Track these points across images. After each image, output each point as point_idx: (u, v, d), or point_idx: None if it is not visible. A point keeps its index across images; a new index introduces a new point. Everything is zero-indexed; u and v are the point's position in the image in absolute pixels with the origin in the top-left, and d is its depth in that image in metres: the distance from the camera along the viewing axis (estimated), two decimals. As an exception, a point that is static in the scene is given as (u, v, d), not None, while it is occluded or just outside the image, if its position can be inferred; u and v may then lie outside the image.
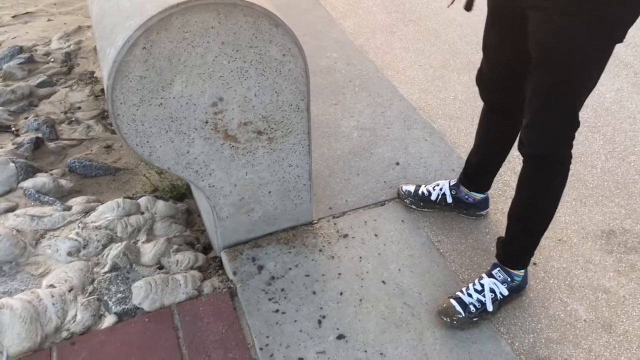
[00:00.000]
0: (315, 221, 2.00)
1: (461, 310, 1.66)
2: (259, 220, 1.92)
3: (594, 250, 1.92)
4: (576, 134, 1.48)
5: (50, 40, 3.72)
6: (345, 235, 1.94)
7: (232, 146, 1.70)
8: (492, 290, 1.69)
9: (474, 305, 1.67)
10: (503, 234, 1.76)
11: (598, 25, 1.26)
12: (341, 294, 1.75)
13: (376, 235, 1.94)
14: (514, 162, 2.26)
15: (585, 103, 2.59)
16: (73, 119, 2.94)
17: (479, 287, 1.70)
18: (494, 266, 1.74)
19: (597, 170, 2.25)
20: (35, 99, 3.10)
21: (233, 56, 1.53)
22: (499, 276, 1.71)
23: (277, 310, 1.69)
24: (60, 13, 4.14)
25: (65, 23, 3.93)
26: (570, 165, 1.55)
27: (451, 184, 2.01)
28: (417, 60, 2.94)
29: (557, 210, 2.04)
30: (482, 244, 1.92)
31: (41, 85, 3.20)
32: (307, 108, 1.72)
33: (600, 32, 1.27)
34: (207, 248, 2.10)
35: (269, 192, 1.85)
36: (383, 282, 1.78)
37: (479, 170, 1.95)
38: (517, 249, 1.71)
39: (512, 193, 2.15)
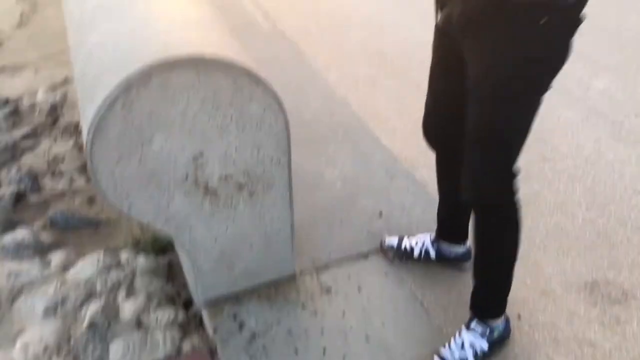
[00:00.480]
0: (298, 274, 1.98)
1: None
2: (240, 275, 1.89)
3: (578, 302, 1.91)
4: (558, 182, 1.49)
5: (36, 91, 3.74)
6: (329, 290, 1.91)
7: (213, 201, 1.69)
8: (471, 345, 1.66)
9: None
10: (486, 287, 1.74)
11: (525, 65, 1.29)
12: (324, 351, 1.71)
13: (359, 289, 1.92)
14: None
15: (564, 152, 2.63)
16: (56, 171, 2.92)
17: (459, 342, 1.68)
18: (471, 318, 1.72)
19: (579, 220, 2.26)
20: (18, 151, 3.09)
21: (213, 113, 1.54)
22: (478, 329, 1.69)
23: (258, 369, 1.65)
24: (47, 66, 4.17)
25: (51, 76, 3.96)
26: (522, 214, 1.54)
27: (432, 239, 2.00)
28: (399, 111, 2.99)
29: (540, 260, 2.05)
30: (465, 297, 1.89)
31: (25, 137, 3.20)
32: (288, 162, 1.73)
33: (527, 71, 1.30)
34: (188, 303, 2.06)
35: (251, 246, 1.84)
36: (367, 338, 1.75)
37: (451, 222, 1.95)
38: (485, 299, 1.70)
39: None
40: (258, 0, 4.47)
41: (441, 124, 1.71)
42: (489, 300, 1.71)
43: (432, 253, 1.99)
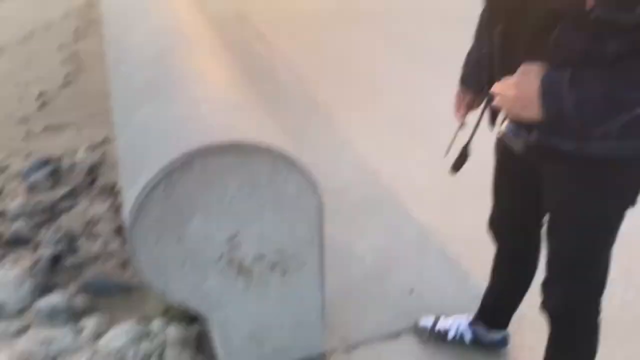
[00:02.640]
0: (328, 353, 1.95)
1: None
2: (270, 353, 1.88)
3: (618, 393, 1.84)
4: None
5: (77, 151, 3.87)
6: (358, 371, 1.89)
7: (246, 280, 1.71)
8: None
9: None
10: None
11: (611, 190, 1.29)
12: None
13: (390, 371, 1.89)
14: (530, 292, 2.21)
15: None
16: (92, 233, 2.99)
17: None
18: None
19: (615, 305, 2.20)
20: (56, 212, 3.18)
21: (250, 196, 1.58)
22: None
23: None
24: (89, 125, 4.31)
25: (93, 135, 4.09)
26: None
27: (469, 321, 1.97)
28: (430, 182, 3.00)
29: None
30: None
31: (64, 197, 3.30)
32: (320, 242, 1.74)
33: (614, 196, 1.30)
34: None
35: (281, 325, 1.84)
36: None
37: (497, 309, 1.92)
38: None
39: (530, 324, 2.10)
40: (292, 66, 4.59)
41: (507, 228, 1.69)
42: None
43: (467, 337, 1.94)
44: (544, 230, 1.54)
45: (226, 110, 1.75)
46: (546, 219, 1.46)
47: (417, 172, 3.10)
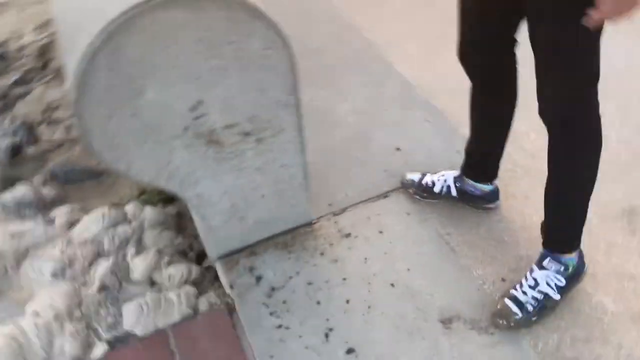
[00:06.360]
0: (314, 221, 1.86)
1: (518, 311, 1.53)
2: (254, 226, 1.78)
3: (615, 232, 1.79)
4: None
5: (23, 33, 3.51)
6: (348, 235, 1.80)
7: (217, 151, 1.55)
8: (548, 284, 1.55)
9: (531, 304, 1.54)
10: (517, 221, 1.62)
11: None
12: (347, 301, 1.62)
13: (381, 232, 1.80)
14: (522, 140, 2.10)
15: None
16: (52, 120, 2.77)
17: (532, 283, 1.56)
18: (543, 256, 1.59)
19: (612, 141, 2.10)
20: (10, 100, 2.93)
21: (209, 54, 1.37)
22: (551, 267, 1.56)
23: (280, 326, 1.57)
24: (32, 3, 3.90)
25: (38, 14, 3.71)
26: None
27: (455, 176, 1.86)
28: (411, 32, 2.76)
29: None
30: (494, 234, 1.78)
31: (16, 84, 3.02)
32: (296, 104, 1.56)
33: None
34: (200, 256, 1.96)
35: (262, 195, 1.71)
36: (392, 284, 1.65)
37: (481, 159, 1.81)
38: (561, 231, 1.58)
39: (523, 173, 2.01)
40: None
41: (480, 53, 1.54)
42: (566, 232, 1.59)
43: (454, 191, 1.85)
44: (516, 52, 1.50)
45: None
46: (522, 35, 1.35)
47: (397, 23, 2.84)
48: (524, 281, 1.58)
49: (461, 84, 1.70)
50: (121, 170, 1.46)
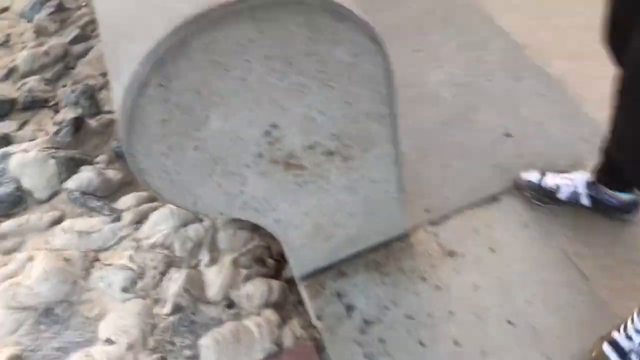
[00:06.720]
0: (409, 231, 1.59)
1: None
2: (341, 243, 1.54)
3: None
4: None
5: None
6: (452, 253, 1.53)
7: (297, 174, 1.29)
8: None
9: (637, 353, 1.26)
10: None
11: None
12: (456, 343, 1.38)
13: (492, 250, 1.52)
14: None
15: None
16: (114, 84, 2.58)
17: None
18: None
19: None
20: (70, 59, 2.75)
21: (284, 72, 1.08)
22: None
23: (377, 373, 1.36)
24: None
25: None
26: None
27: (588, 181, 1.51)
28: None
29: None
30: (636, 255, 1.45)
31: (75, 40, 2.83)
32: (390, 113, 1.26)
33: None
34: (279, 261, 1.77)
35: (350, 214, 1.46)
36: (510, 322, 1.38)
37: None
38: None
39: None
40: None
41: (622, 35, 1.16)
42: None
43: (586, 199, 1.51)
44: None
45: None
46: None
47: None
48: (629, 323, 1.27)
49: (584, 45, 1.31)
50: (188, 207, 1.24)
